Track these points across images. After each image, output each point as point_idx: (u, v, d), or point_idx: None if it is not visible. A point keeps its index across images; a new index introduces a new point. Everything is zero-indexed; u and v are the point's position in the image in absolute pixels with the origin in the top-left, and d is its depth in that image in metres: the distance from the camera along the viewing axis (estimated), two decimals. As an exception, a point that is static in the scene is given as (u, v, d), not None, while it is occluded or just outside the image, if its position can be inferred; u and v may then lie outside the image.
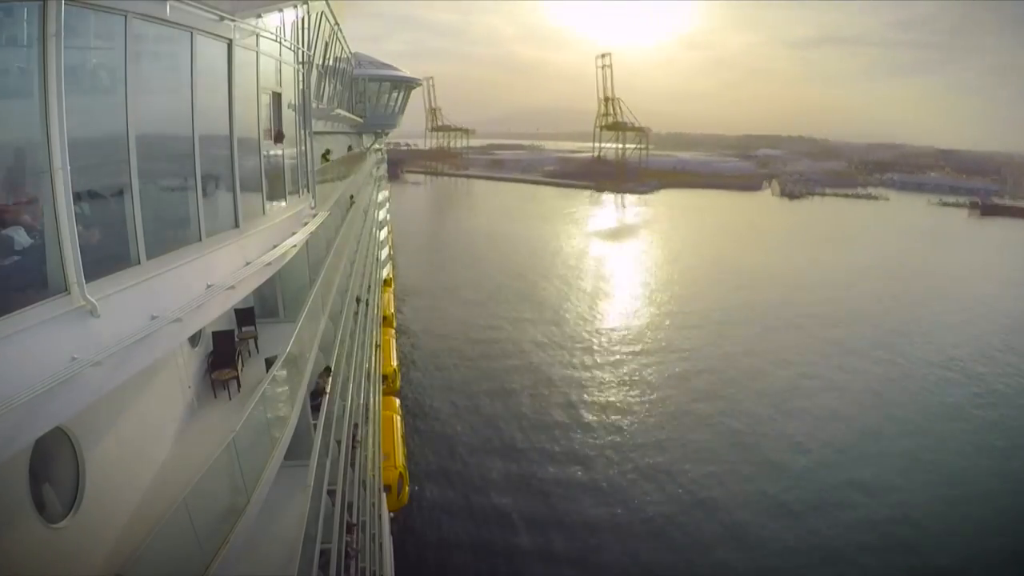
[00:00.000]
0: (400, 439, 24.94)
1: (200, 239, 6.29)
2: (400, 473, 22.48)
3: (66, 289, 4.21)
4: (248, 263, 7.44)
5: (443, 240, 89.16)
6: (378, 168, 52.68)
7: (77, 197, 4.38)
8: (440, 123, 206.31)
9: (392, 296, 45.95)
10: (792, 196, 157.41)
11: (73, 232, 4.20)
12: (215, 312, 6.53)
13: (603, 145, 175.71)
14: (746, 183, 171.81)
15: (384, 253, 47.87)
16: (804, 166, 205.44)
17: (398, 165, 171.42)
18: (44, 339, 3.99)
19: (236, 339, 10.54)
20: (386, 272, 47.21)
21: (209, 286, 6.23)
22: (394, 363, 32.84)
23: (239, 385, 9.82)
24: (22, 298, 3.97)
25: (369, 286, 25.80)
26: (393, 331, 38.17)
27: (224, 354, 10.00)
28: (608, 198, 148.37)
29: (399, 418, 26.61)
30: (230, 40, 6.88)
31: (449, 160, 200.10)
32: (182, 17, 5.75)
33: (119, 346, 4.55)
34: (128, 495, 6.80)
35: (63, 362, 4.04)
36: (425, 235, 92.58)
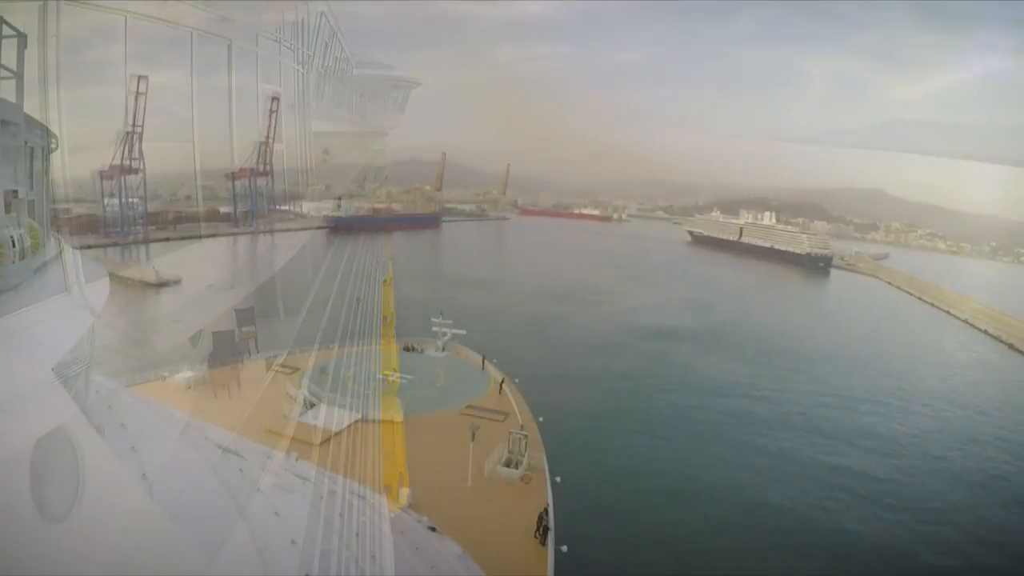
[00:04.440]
0: (400, 439, 24.89)
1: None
2: (400, 473, 22.47)
3: (66, 289, 4.21)
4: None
5: None
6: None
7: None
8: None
9: (392, 295, 45.71)
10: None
11: (73, 233, 4.19)
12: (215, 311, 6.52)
13: None
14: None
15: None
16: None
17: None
18: (44, 339, 3.98)
19: (236, 339, 10.55)
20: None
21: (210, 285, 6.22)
22: (394, 363, 32.74)
23: (239, 385, 9.82)
24: (22, 298, 3.97)
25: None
26: (393, 331, 38.01)
27: (224, 354, 10.01)
28: None
29: (399, 418, 26.59)
30: (230, 40, 6.86)
31: None
32: (182, 17, 5.73)
33: (119, 346, 4.54)
34: (128, 495, 6.80)
35: (63, 362, 4.04)
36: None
